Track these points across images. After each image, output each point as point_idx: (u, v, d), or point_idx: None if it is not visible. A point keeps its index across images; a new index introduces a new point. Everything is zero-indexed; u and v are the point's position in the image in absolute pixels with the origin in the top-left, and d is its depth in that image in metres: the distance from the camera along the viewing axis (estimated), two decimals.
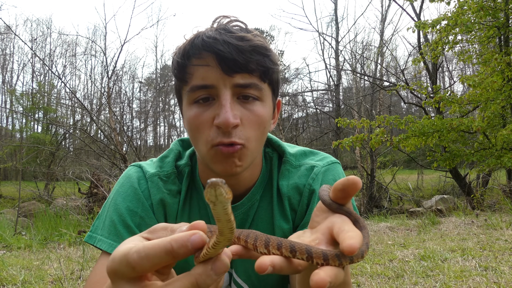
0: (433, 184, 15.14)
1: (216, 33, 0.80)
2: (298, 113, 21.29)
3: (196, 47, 0.80)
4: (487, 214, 5.42)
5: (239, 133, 0.80)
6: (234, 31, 0.80)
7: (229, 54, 0.77)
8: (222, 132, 0.79)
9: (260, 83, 0.82)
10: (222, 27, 0.82)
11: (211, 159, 0.83)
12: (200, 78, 0.80)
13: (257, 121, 0.82)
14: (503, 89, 6.91)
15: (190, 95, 0.83)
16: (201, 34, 0.81)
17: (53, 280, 3.11)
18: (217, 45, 0.77)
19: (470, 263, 3.09)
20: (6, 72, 26.50)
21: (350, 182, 0.53)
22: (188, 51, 0.81)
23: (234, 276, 0.98)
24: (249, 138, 0.82)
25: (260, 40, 0.81)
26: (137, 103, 29.61)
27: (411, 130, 7.46)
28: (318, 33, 17.62)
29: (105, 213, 0.95)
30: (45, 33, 24.87)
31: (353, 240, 0.43)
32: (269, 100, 0.87)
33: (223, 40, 0.78)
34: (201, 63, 0.80)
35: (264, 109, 0.84)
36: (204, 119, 0.81)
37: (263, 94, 0.83)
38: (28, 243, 4.56)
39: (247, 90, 0.80)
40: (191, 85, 0.82)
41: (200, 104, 0.82)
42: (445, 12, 7.95)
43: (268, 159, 1.01)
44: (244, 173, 0.91)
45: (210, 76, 0.79)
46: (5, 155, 16.60)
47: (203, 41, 0.79)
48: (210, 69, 0.79)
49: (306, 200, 0.94)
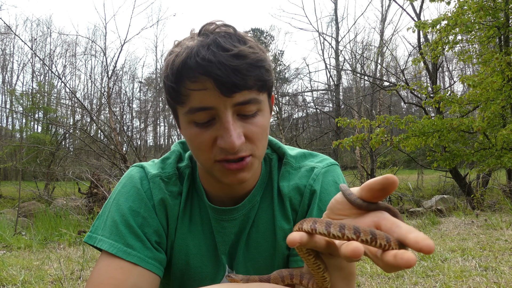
0: (433, 184, 15.14)
1: (210, 52, 0.75)
2: (298, 113, 21.34)
3: (190, 69, 0.76)
4: (487, 214, 5.42)
5: (245, 147, 0.80)
6: (227, 46, 0.76)
7: (227, 77, 0.74)
8: (226, 152, 0.79)
9: (258, 96, 0.81)
10: (214, 42, 0.77)
11: (217, 173, 0.84)
12: (198, 100, 0.78)
13: (260, 132, 0.83)
14: (503, 89, 6.90)
15: (188, 116, 0.80)
16: (193, 54, 0.77)
17: (53, 280, 3.11)
18: (213, 69, 0.74)
19: (470, 263, 3.09)
20: (6, 72, 26.51)
21: (389, 181, 0.55)
22: (181, 74, 0.78)
23: None
24: (255, 148, 0.83)
25: (254, 51, 0.79)
26: (137, 103, 29.62)
27: (411, 130, 7.46)
28: (318, 33, 17.63)
29: (106, 213, 0.94)
30: (45, 33, 24.89)
31: (428, 241, 0.46)
32: (266, 106, 0.86)
33: (218, 61, 0.74)
34: (198, 87, 0.77)
35: (264, 118, 0.84)
36: (206, 139, 0.80)
37: (262, 105, 0.83)
38: (28, 243, 4.56)
39: (246, 106, 0.79)
40: (189, 106, 0.79)
41: (199, 123, 0.80)
42: (445, 12, 7.95)
43: (268, 160, 1.01)
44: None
45: (208, 98, 0.77)
46: (5, 155, 16.59)
47: (197, 64, 0.75)
48: (208, 92, 0.76)
49: (307, 201, 0.95)
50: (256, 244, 0.97)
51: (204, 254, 0.97)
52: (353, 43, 18.91)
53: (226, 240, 0.97)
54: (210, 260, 0.97)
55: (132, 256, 0.86)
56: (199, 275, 0.97)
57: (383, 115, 8.58)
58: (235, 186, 0.91)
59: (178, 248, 0.96)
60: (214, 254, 0.98)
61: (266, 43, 28.26)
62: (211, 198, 0.97)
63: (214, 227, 0.97)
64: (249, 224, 0.97)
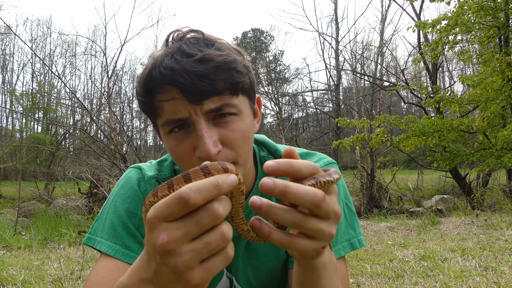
0: (433, 184, 15.14)
1: (173, 61, 0.73)
2: (298, 113, 21.33)
3: (155, 81, 0.75)
4: (487, 214, 5.42)
5: (224, 155, 0.78)
6: (191, 52, 0.74)
7: (191, 84, 0.72)
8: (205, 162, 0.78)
9: (232, 100, 0.77)
10: (178, 49, 0.75)
11: None
12: (171, 112, 0.76)
13: (239, 136, 0.79)
14: (503, 89, 6.90)
15: (165, 128, 0.79)
16: (157, 65, 0.75)
17: (53, 280, 3.11)
18: (176, 77, 0.72)
19: (470, 263, 3.09)
20: (6, 72, 26.51)
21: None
22: (149, 87, 0.76)
23: (234, 283, 0.99)
24: (236, 155, 0.80)
25: (222, 54, 0.75)
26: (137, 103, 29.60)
27: (411, 130, 7.46)
28: (318, 33, 17.61)
29: (105, 215, 0.95)
30: (45, 33, 24.90)
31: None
32: (246, 109, 0.83)
33: (181, 69, 0.72)
34: (166, 98, 0.75)
35: (242, 121, 0.81)
36: (184, 149, 0.78)
37: (238, 108, 0.79)
38: (28, 243, 4.55)
39: (220, 112, 0.77)
40: (164, 119, 0.78)
41: (176, 132, 0.79)
42: (445, 12, 7.95)
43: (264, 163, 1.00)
44: None
45: (180, 108, 0.75)
46: (5, 155, 16.59)
47: (161, 74, 0.74)
48: (177, 101, 0.74)
49: None
50: (256, 250, 0.97)
51: None
52: (353, 43, 18.91)
53: None
54: None
55: (130, 258, 0.87)
56: None
57: (383, 115, 8.58)
58: None
59: None
60: None
61: (266, 43, 28.25)
62: None
63: None
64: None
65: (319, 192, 0.48)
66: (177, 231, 0.45)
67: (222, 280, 0.98)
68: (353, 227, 0.95)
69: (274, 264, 0.98)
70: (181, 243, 0.45)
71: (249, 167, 0.94)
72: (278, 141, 15.31)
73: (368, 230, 4.97)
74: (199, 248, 0.45)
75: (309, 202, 0.48)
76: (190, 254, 0.45)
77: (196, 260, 0.45)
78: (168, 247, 0.45)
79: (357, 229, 0.96)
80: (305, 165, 0.51)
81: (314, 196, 0.48)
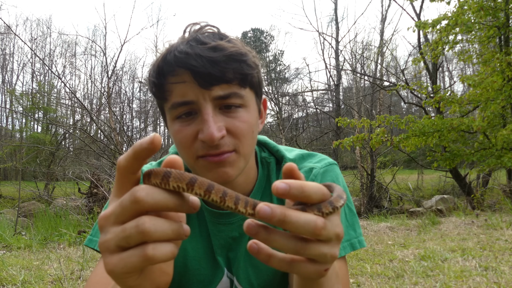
0: (433, 184, 15.15)
1: (188, 46, 0.77)
2: (298, 113, 21.33)
3: (169, 64, 0.78)
4: (487, 214, 5.42)
5: (227, 141, 0.79)
6: (206, 41, 0.78)
7: (203, 68, 0.75)
8: (208, 146, 0.78)
9: (240, 90, 0.80)
10: (194, 38, 0.79)
11: (200, 169, 0.83)
12: (179, 95, 0.79)
13: (244, 127, 0.81)
14: (503, 89, 6.90)
15: (172, 112, 0.81)
16: (173, 49, 0.79)
17: (53, 280, 3.11)
18: (189, 60, 0.75)
19: (470, 263, 3.09)
20: (6, 72, 26.53)
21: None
22: (162, 69, 0.79)
23: (235, 283, 0.98)
24: (239, 144, 0.81)
25: (234, 46, 0.79)
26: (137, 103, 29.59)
27: (411, 130, 7.47)
28: (318, 33, 17.61)
29: None
30: (45, 33, 24.91)
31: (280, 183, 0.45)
32: (252, 103, 0.85)
33: (195, 53, 0.76)
34: (177, 80, 0.78)
35: (249, 114, 0.83)
36: (188, 134, 0.80)
37: (245, 100, 0.82)
38: (28, 243, 4.55)
39: (228, 100, 0.79)
40: (171, 102, 0.80)
41: (183, 119, 0.81)
42: (445, 12, 7.95)
43: (265, 164, 1.00)
44: (238, 179, 0.90)
45: (189, 92, 0.77)
46: (5, 155, 16.59)
47: (175, 57, 0.77)
48: (187, 85, 0.77)
49: None
50: None
51: (202, 256, 0.97)
52: (353, 43, 18.90)
53: (223, 243, 0.97)
54: (207, 262, 0.97)
55: None
56: (197, 277, 0.97)
57: (383, 115, 8.59)
58: (225, 186, 0.89)
59: None
60: (212, 257, 0.97)
61: (266, 43, 28.25)
62: (207, 201, 0.97)
63: (211, 230, 0.96)
64: None
65: (319, 220, 0.46)
66: (109, 209, 0.46)
67: (223, 281, 0.98)
68: (354, 227, 0.95)
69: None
70: (107, 221, 0.46)
71: (251, 166, 0.94)
72: (278, 141, 15.30)
73: (368, 230, 4.97)
74: (117, 232, 0.44)
75: (309, 232, 0.46)
76: (111, 235, 0.45)
77: (114, 243, 0.45)
78: (100, 221, 0.46)
79: (357, 230, 0.95)
80: (316, 192, 0.48)
81: (314, 225, 0.46)
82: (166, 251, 0.44)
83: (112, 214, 0.45)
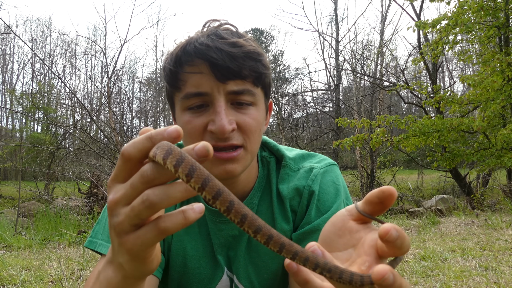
0: (433, 184, 15.14)
1: (208, 39, 0.79)
2: (298, 113, 21.32)
3: (188, 54, 0.79)
4: (487, 214, 5.42)
5: (237, 136, 0.81)
6: (226, 36, 0.80)
7: (222, 61, 0.77)
8: (217, 138, 0.79)
9: (253, 88, 0.82)
10: (214, 32, 0.81)
11: (207, 163, 0.82)
12: (194, 86, 0.80)
13: (253, 124, 0.83)
14: (503, 89, 6.90)
15: (183, 102, 0.82)
16: (193, 41, 0.80)
17: (53, 280, 3.11)
18: (210, 52, 0.77)
19: (470, 263, 3.09)
20: (6, 72, 26.51)
21: (385, 194, 0.49)
22: (180, 58, 0.81)
23: (235, 281, 0.99)
24: (247, 140, 0.82)
25: (252, 45, 0.81)
26: (137, 103, 29.62)
27: (411, 130, 7.46)
28: (318, 33, 17.61)
29: (105, 217, 0.95)
30: (45, 33, 24.89)
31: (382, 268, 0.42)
32: (262, 103, 0.87)
33: (215, 47, 0.77)
34: (194, 71, 0.79)
35: (258, 113, 0.85)
36: (197, 125, 0.81)
37: (256, 98, 0.83)
38: (28, 243, 4.55)
39: (240, 96, 0.80)
40: (185, 92, 0.81)
41: (194, 110, 0.82)
42: (445, 12, 7.95)
43: (265, 163, 1.01)
44: (240, 176, 0.91)
45: (204, 83, 0.79)
46: (5, 155, 16.58)
47: (195, 48, 0.79)
48: (203, 76, 0.78)
49: (306, 201, 0.95)
50: (257, 248, 0.97)
51: (201, 255, 0.97)
52: (353, 43, 18.92)
53: (223, 242, 0.97)
54: (207, 261, 0.97)
55: None
56: (197, 276, 0.97)
57: (383, 115, 8.59)
58: (226, 182, 0.88)
59: (175, 250, 0.96)
60: (212, 256, 0.97)
61: (266, 43, 28.24)
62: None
63: (211, 229, 0.97)
64: None
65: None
66: (118, 192, 0.46)
67: (222, 279, 0.98)
68: None
69: (276, 263, 0.97)
70: (118, 204, 0.46)
71: (252, 165, 0.95)
72: (278, 141, 15.29)
73: None
74: (127, 212, 0.45)
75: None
76: (123, 216, 0.46)
77: (127, 224, 0.46)
78: (110, 206, 0.47)
79: None
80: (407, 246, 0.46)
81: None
82: (177, 220, 0.45)
83: (123, 197, 0.46)
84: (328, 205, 0.93)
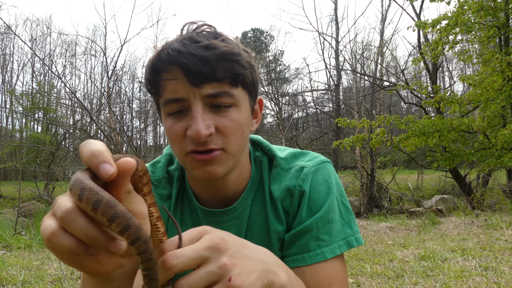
0: (433, 184, 15.15)
1: (181, 44, 0.79)
2: (298, 113, 21.34)
3: (162, 61, 0.80)
4: (487, 214, 5.42)
5: (216, 139, 0.80)
6: (199, 39, 0.79)
7: (194, 66, 0.76)
8: (196, 143, 0.80)
9: (231, 89, 0.81)
10: (188, 36, 0.81)
11: (188, 166, 0.84)
12: (171, 92, 0.80)
13: (232, 126, 0.82)
14: (503, 89, 6.90)
15: (164, 108, 0.83)
16: (166, 47, 0.81)
17: (53, 280, 3.11)
18: (181, 58, 0.77)
19: (470, 263, 3.09)
20: (6, 72, 26.51)
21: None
22: (156, 66, 0.81)
23: None
24: (227, 143, 0.82)
25: (228, 45, 0.80)
26: (137, 103, 29.57)
27: (411, 130, 7.46)
28: (318, 33, 17.58)
29: None
30: (45, 33, 24.89)
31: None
32: (244, 103, 0.86)
33: (187, 52, 0.77)
34: (169, 77, 0.80)
35: (240, 113, 0.84)
36: (178, 130, 0.81)
37: (236, 99, 0.82)
38: (28, 243, 4.55)
39: (218, 99, 0.80)
40: (164, 98, 0.82)
41: (174, 116, 0.82)
42: (445, 12, 7.96)
43: (258, 163, 1.00)
44: (231, 176, 0.91)
45: (180, 89, 0.79)
46: (5, 155, 16.58)
47: (168, 55, 0.79)
48: (178, 82, 0.79)
49: (297, 201, 0.94)
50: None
51: None
52: (353, 43, 18.88)
53: None
54: None
55: None
56: None
57: (383, 115, 8.59)
58: (215, 182, 0.90)
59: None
60: None
61: (266, 43, 28.25)
62: (201, 200, 0.97)
63: None
64: (244, 228, 0.96)
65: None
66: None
67: None
68: (350, 225, 0.94)
69: None
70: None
71: (244, 165, 0.94)
72: (278, 141, 15.32)
73: (368, 230, 4.97)
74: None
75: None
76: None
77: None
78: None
79: (354, 227, 0.95)
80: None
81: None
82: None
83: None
84: (319, 204, 0.91)
